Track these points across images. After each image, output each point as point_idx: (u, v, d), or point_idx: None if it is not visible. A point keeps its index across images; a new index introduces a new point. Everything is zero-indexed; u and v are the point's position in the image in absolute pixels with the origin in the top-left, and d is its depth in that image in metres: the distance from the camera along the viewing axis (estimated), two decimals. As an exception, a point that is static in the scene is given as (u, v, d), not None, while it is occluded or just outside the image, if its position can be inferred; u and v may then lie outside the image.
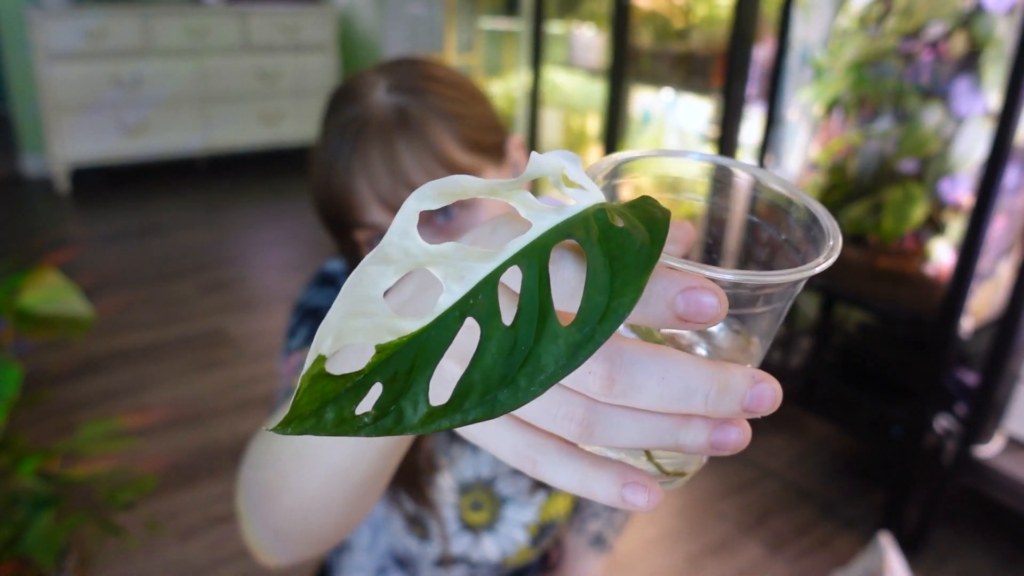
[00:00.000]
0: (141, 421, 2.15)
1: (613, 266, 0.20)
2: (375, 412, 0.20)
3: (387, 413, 0.20)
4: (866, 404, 1.80)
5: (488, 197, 0.23)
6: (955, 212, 1.63)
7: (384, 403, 0.20)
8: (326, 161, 0.63)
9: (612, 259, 0.21)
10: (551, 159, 0.24)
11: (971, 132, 1.58)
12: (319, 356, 0.20)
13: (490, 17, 3.47)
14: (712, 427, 0.23)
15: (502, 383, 0.20)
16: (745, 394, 0.22)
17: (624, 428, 0.23)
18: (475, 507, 0.79)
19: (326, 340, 0.20)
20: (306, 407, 0.20)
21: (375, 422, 0.20)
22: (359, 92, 0.64)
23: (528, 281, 0.21)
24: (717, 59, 2.16)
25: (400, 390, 0.20)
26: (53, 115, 3.89)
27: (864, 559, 1.52)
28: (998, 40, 1.53)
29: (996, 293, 1.69)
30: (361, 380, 0.20)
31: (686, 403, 0.22)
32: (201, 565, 1.66)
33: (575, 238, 0.21)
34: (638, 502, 0.24)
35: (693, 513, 1.89)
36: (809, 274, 0.24)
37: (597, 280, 0.20)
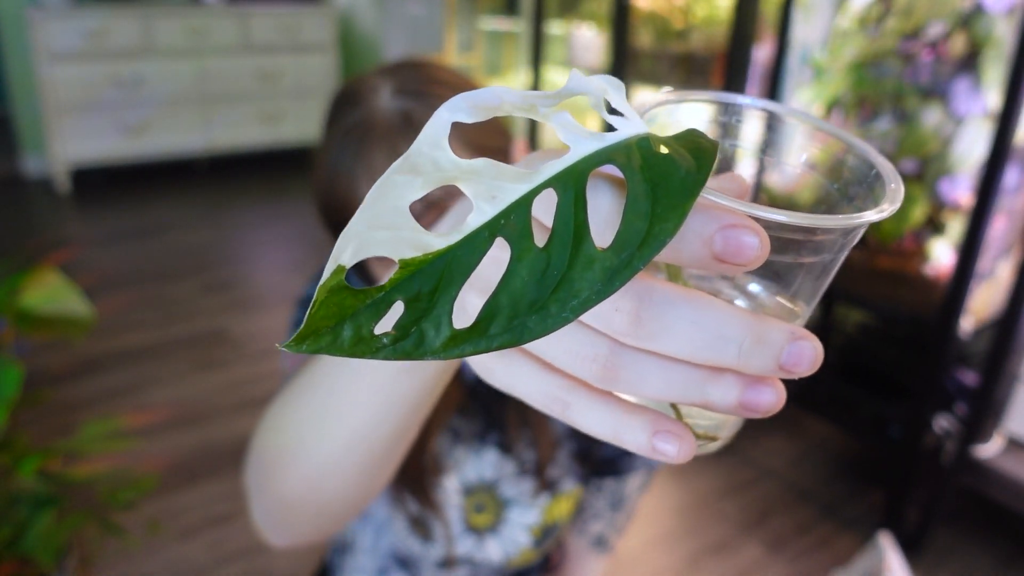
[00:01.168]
0: (142, 421, 2.16)
1: (655, 192, 0.19)
2: (395, 332, 0.19)
3: (407, 335, 0.19)
4: (866, 404, 1.80)
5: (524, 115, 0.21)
6: (955, 212, 1.64)
7: (405, 323, 0.19)
8: (330, 166, 0.63)
9: (654, 185, 0.19)
10: (594, 80, 0.22)
11: (971, 132, 1.58)
12: (339, 266, 0.19)
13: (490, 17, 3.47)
14: (744, 384, 0.21)
15: (532, 308, 0.19)
16: (783, 349, 0.20)
17: (650, 375, 0.21)
18: (479, 509, 0.79)
19: (346, 249, 0.19)
20: (323, 322, 0.19)
21: (395, 343, 0.19)
22: (362, 96, 0.64)
23: (564, 204, 0.20)
24: (717, 59, 2.16)
25: (423, 310, 0.19)
26: (54, 115, 3.89)
27: (864, 559, 1.52)
28: (998, 40, 1.53)
29: (996, 293, 1.69)
30: (382, 297, 0.19)
31: (718, 352, 0.20)
32: (202, 565, 1.66)
33: (616, 164, 0.20)
34: (668, 451, 0.22)
35: (693, 513, 1.89)
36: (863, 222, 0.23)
37: (638, 206, 0.19)
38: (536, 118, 0.22)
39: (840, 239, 0.24)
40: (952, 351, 1.63)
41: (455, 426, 0.77)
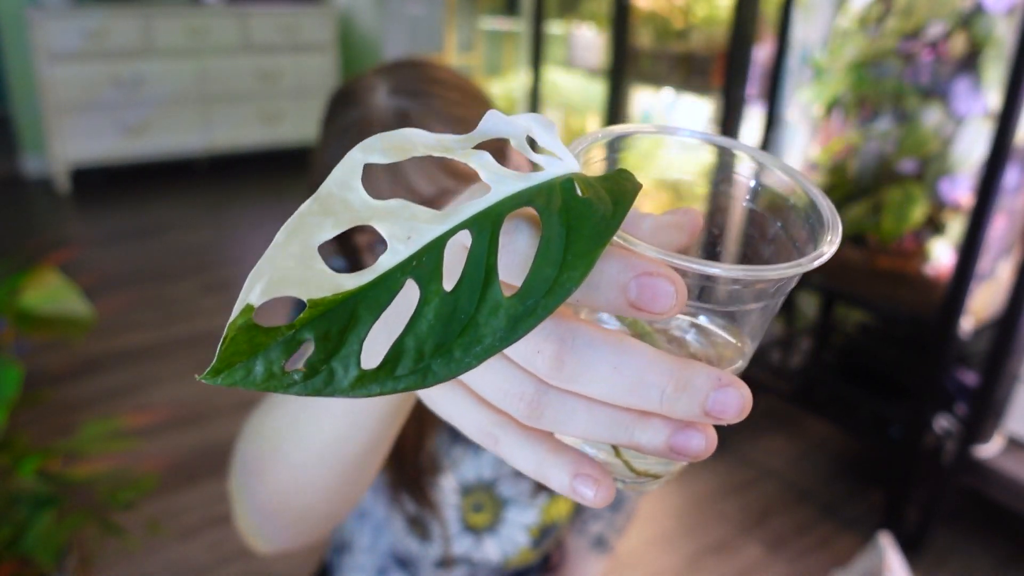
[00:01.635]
0: (142, 421, 2.15)
1: (569, 237, 0.19)
2: (306, 370, 0.19)
3: (317, 372, 0.19)
4: (866, 404, 1.80)
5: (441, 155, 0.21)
6: (955, 212, 1.64)
7: (315, 362, 0.19)
8: (326, 164, 0.63)
9: (569, 230, 0.19)
10: (519, 120, 0.22)
11: (971, 132, 1.58)
12: (247, 305, 0.19)
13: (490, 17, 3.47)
14: (672, 429, 0.21)
15: (437, 351, 0.19)
16: (707, 396, 0.20)
17: (575, 416, 0.22)
18: (477, 508, 0.79)
19: (255, 288, 0.19)
20: (235, 357, 0.19)
21: (305, 381, 0.19)
22: (360, 95, 0.64)
23: (477, 247, 0.20)
24: (717, 59, 2.16)
25: (332, 349, 0.19)
26: (53, 115, 3.89)
27: (864, 559, 1.52)
28: (998, 40, 1.53)
29: (996, 293, 1.69)
30: (291, 335, 0.19)
31: (640, 397, 0.20)
32: (202, 565, 1.66)
33: (535, 206, 0.20)
34: (586, 494, 0.22)
35: (693, 513, 1.89)
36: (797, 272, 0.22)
37: (549, 252, 0.19)
38: (455, 158, 0.21)
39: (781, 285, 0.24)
40: (952, 351, 1.63)
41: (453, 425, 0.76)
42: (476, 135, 0.22)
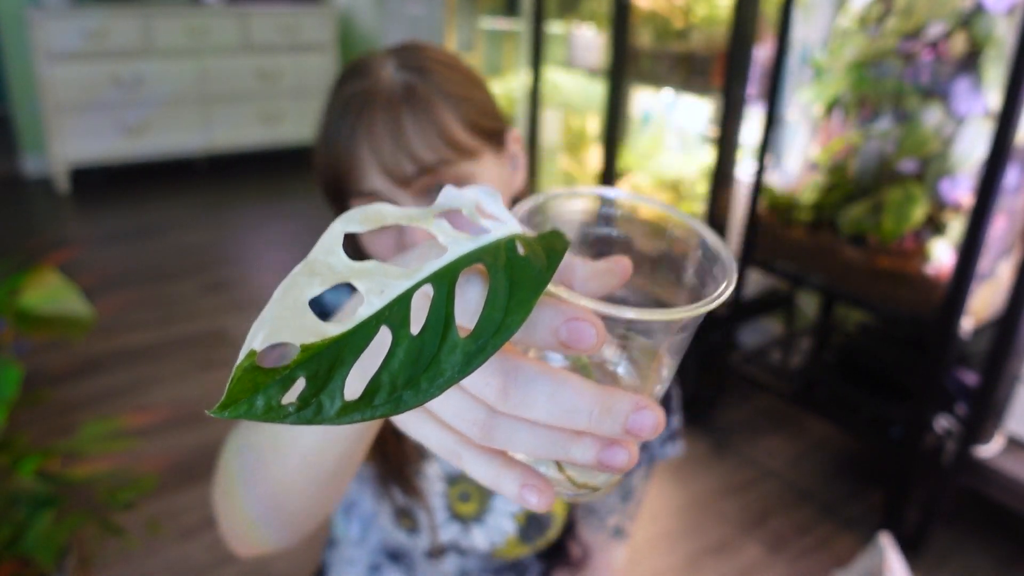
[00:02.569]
0: (141, 421, 2.15)
1: (512, 288, 0.24)
2: (298, 403, 0.22)
3: (308, 405, 0.23)
4: (866, 404, 1.80)
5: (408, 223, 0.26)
6: (955, 212, 1.63)
7: (306, 396, 0.22)
8: (332, 128, 0.65)
9: (512, 283, 0.24)
10: (467, 193, 0.27)
11: (971, 132, 1.58)
12: (251, 351, 0.23)
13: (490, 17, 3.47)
14: (600, 446, 0.25)
15: (407, 384, 0.23)
16: (627, 417, 0.25)
17: (520, 436, 0.26)
18: (464, 498, 0.80)
19: (258, 336, 0.23)
20: (240, 394, 0.22)
21: (298, 412, 0.23)
22: (368, 68, 0.66)
23: (437, 298, 0.24)
24: (717, 59, 2.16)
25: (320, 385, 0.23)
26: (53, 115, 3.89)
27: (864, 559, 1.52)
28: (998, 40, 1.53)
29: (996, 293, 1.69)
30: (287, 374, 0.23)
31: (572, 420, 0.25)
32: (201, 565, 1.66)
33: (484, 263, 0.25)
34: (531, 501, 0.27)
35: (693, 513, 1.89)
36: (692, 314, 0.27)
37: (496, 300, 0.23)
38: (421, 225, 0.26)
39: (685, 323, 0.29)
40: (952, 351, 1.63)
41: None
42: (436, 207, 0.27)
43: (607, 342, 0.28)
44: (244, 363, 0.23)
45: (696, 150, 2.60)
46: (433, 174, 0.63)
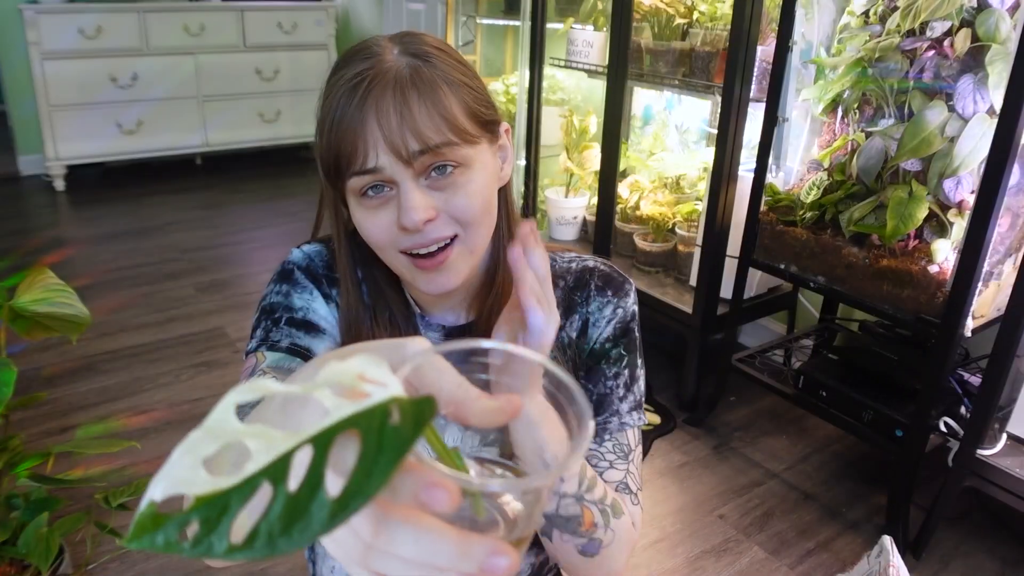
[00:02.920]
0: (138, 422, 2.14)
1: (378, 456, 0.27)
2: (193, 541, 0.27)
3: (200, 543, 0.26)
4: (869, 405, 1.79)
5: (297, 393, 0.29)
6: (958, 212, 1.62)
7: (199, 535, 0.26)
8: (338, 106, 0.66)
9: (379, 450, 0.27)
10: (351, 364, 0.30)
11: (975, 131, 1.56)
12: (151, 502, 0.27)
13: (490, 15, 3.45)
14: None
15: (282, 532, 0.26)
16: (482, 561, 0.28)
17: (393, 565, 0.30)
18: None
19: (157, 488, 0.27)
20: (143, 532, 0.27)
21: (192, 548, 0.27)
22: (372, 51, 0.68)
23: (314, 460, 0.27)
24: (719, 57, 2.15)
25: (211, 528, 0.26)
26: (49, 114, 3.87)
27: (867, 561, 1.51)
28: (1002, 38, 1.52)
29: (1000, 293, 1.68)
30: (183, 517, 0.27)
31: (434, 560, 0.29)
32: (198, 567, 1.65)
33: (359, 428, 0.28)
34: None
35: (695, 516, 1.88)
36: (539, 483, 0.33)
37: (364, 464, 0.26)
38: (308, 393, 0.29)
39: None
40: (955, 352, 1.62)
41: None
42: (317, 383, 0.30)
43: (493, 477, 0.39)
44: (145, 511, 0.27)
45: (697, 149, 2.58)
46: (435, 154, 0.64)
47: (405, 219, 0.65)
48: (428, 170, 0.65)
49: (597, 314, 0.78)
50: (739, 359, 2.16)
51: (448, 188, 0.66)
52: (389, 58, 0.66)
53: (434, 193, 0.66)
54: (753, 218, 1.98)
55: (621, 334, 0.78)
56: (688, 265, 2.39)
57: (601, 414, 0.77)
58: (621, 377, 0.78)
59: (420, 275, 0.69)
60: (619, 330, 0.78)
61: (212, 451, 0.28)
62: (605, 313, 0.78)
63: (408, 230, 0.66)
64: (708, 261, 2.16)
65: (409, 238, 0.67)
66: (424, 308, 0.80)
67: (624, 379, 0.78)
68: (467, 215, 0.67)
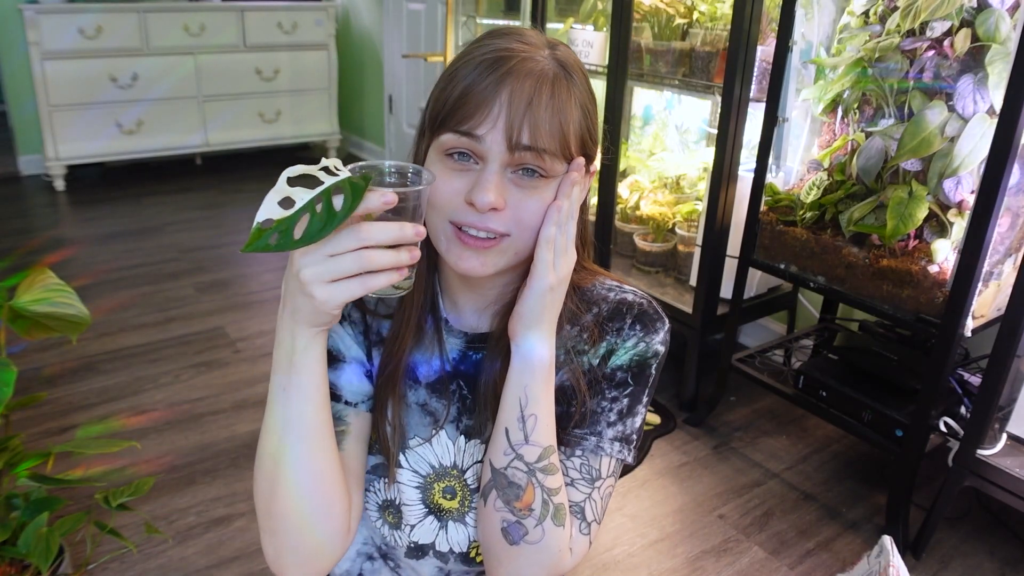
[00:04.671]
0: (138, 422, 2.14)
1: (352, 196, 0.55)
2: (277, 243, 0.54)
3: (281, 242, 0.54)
4: (868, 405, 1.79)
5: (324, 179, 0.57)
6: (958, 212, 1.62)
7: (279, 240, 0.54)
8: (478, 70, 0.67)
9: (352, 193, 0.55)
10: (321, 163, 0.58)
11: (975, 131, 1.56)
12: (257, 223, 0.54)
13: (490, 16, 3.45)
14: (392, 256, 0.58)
15: (318, 232, 0.55)
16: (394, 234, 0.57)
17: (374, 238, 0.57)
18: (448, 493, 0.80)
19: (260, 216, 0.54)
20: (255, 239, 0.54)
21: (278, 243, 0.54)
22: (528, 39, 0.70)
23: (324, 200, 0.55)
24: (719, 57, 2.15)
25: (285, 235, 0.54)
26: (49, 114, 3.87)
27: (866, 561, 1.51)
28: (1002, 38, 1.52)
29: (999, 293, 1.68)
30: (272, 228, 0.54)
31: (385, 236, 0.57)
32: (199, 567, 1.64)
33: (341, 186, 0.55)
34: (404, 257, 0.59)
35: (694, 515, 1.88)
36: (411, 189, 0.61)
37: (345, 202, 0.55)
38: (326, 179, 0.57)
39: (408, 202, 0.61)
40: (955, 352, 1.62)
41: (433, 410, 0.78)
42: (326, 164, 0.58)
43: None
44: (255, 229, 0.54)
45: (697, 149, 2.58)
46: (537, 156, 0.66)
47: (478, 196, 0.65)
48: (519, 167, 0.67)
49: (621, 344, 0.76)
50: (739, 359, 2.16)
51: (527, 190, 0.67)
52: (540, 55, 0.69)
53: (512, 188, 0.67)
54: (753, 218, 1.98)
55: (636, 367, 0.76)
56: (688, 265, 2.39)
57: (582, 428, 0.75)
58: (618, 404, 0.75)
59: (456, 248, 0.68)
60: (635, 363, 0.76)
61: (279, 198, 0.55)
62: (628, 344, 0.76)
63: (474, 207, 0.65)
64: (708, 261, 2.16)
65: (469, 214, 0.66)
66: (452, 301, 0.79)
67: (620, 407, 0.75)
68: (531, 221, 0.68)
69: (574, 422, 0.76)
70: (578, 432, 0.75)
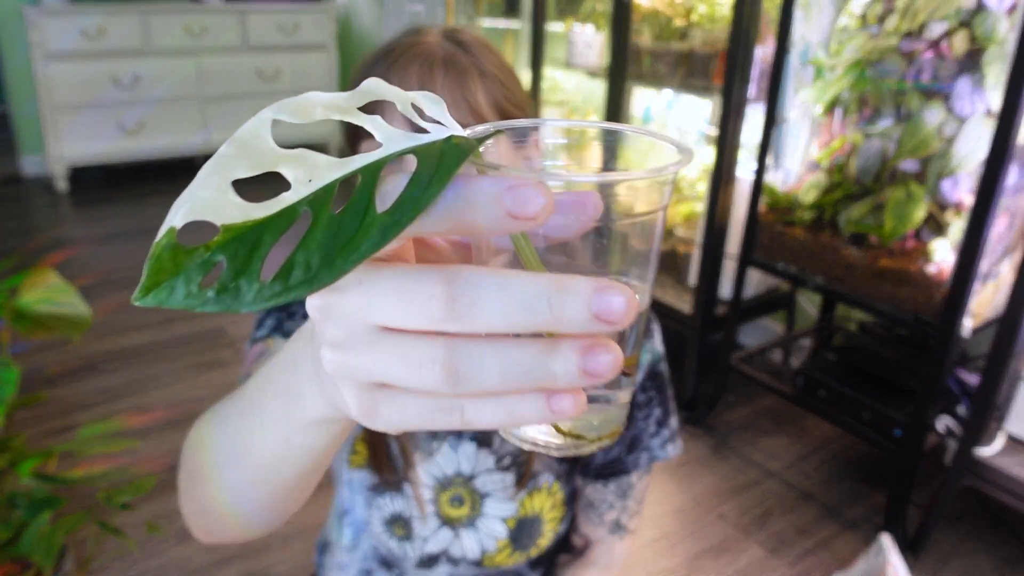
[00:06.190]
0: (140, 421, 2.15)
1: (437, 170, 0.22)
2: (218, 287, 0.22)
3: (227, 289, 0.22)
4: (867, 405, 1.80)
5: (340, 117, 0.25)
6: (956, 212, 1.63)
7: (225, 280, 0.22)
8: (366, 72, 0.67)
9: (439, 166, 0.22)
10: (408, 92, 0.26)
11: (973, 132, 1.57)
12: (170, 228, 0.22)
13: (490, 16, 3.46)
14: (582, 350, 0.23)
15: (324, 262, 0.21)
16: (590, 296, 0.22)
17: (488, 362, 0.23)
18: (455, 502, 0.80)
19: (178, 213, 0.22)
20: (162, 276, 0.22)
21: (217, 296, 0.22)
22: (417, 31, 0.70)
23: (363, 182, 0.23)
24: (718, 58, 2.16)
25: (240, 269, 0.22)
26: (52, 115, 3.88)
27: (865, 560, 1.51)
28: (1000, 39, 1.53)
29: (997, 293, 1.69)
30: (208, 256, 0.22)
31: (531, 310, 0.22)
32: (200, 566, 1.65)
33: (416, 155, 0.23)
34: (565, 407, 0.24)
35: (693, 515, 1.89)
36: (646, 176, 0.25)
37: (419, 180, 0.22)
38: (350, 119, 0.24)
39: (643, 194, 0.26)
40: (954, 351, 1.62)
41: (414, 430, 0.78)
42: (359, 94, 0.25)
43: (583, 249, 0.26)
44: (163, 240, 0.22)
45: (696, 149, 2.59)
46: None
47: None
48: None
49: None
50: (738, 359, 2.16)
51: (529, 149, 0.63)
52: (429, 39, 0.68)
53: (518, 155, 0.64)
54: (752, 218, 1.98)
55: (650, 378, 0.80)
56: (687, 265, 2.40)
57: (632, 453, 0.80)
58: (652, 416, 0.79)
59: None
60: (648, 374, 0.79)
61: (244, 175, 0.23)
62: None
63: None
64: (707, 261, 2.16)
65: None
66: None
67: (656, 416, 0.80)
68: None
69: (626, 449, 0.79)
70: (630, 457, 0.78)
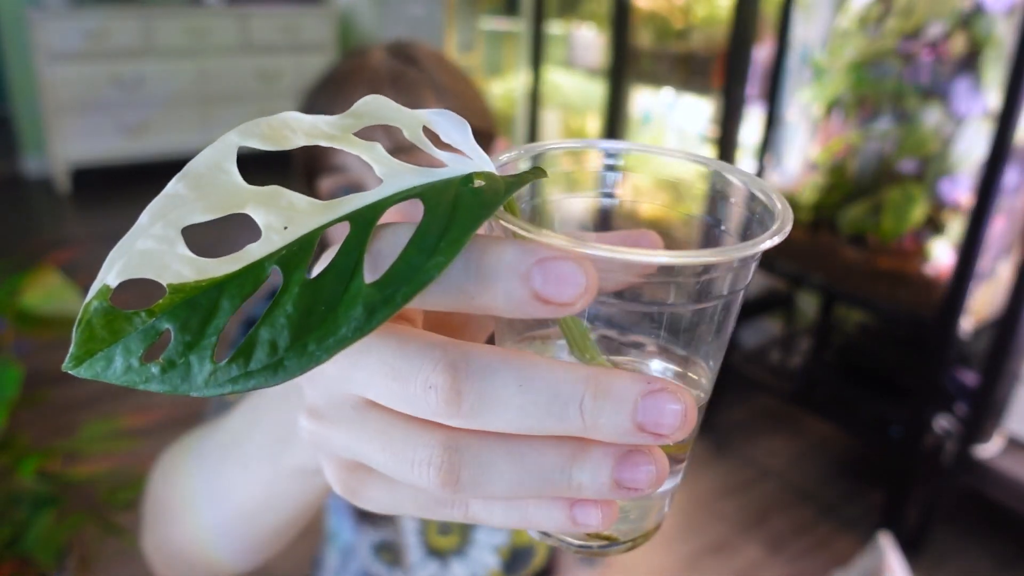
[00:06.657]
0: (142, 421, 2.15)
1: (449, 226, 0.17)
2: (163, 363, 0.17)
3: (175, 366, 0.17)
4: (866, 404, 1.80)
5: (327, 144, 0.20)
6: (955, 212, 1.64)
7: (172, 355, 0.17)
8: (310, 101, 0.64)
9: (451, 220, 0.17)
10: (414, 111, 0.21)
11: (971, 132, 1.58)
12: (103, 286, 0.18)
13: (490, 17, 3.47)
14: (616, 458, 0.17)
15: (293, 342, 0.17)
16: (636, 403, 0.17)
17: (498, 467, 0.18)
18: (444, 531, 0.76)
19: (113, 268, 0.18)
20: (93, 344, 0.18)
21: (163, 374, 0.17)
22: (358, 52, 0.66)
23: (351, 237, 0.18)
24: (717, 59, 2.16)
25: (192, 342, 0.17)
26: (53, 115, 3.89)
27: (863, 559, 1.52)
28: (998, 40, 1.53)
29: (996, 293, 1.69)
30: (151, 324, 0.18)
31: (557, 417, 0.17)
32: (201, 565, 1.66)
33: (424, 199, 0.18)
34: (591, 521, 0.19)
35: (692, 513, 1.89)
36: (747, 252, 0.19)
37: (424, 240, 0.17)
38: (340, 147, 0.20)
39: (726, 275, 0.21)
40: (952, 351, 1.63)
41: None
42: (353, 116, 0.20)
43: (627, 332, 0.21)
44: (93, 302, 0.18)
45: (696, 150, 2.59)
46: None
47: None
48: None
49: None
50: (737, 359, 2.17)
51: None
52: (372, 59, 0.64)
53: None
54: (751, 219, 1.99)
55: None
56: (687, 265, 2.40)
57: None
58: None
59: None
60: None
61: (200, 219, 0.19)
62: None
63: None
64: (707, 261, 2.17)
65: None
66: None
67: None
68: None
69: None
70: None
